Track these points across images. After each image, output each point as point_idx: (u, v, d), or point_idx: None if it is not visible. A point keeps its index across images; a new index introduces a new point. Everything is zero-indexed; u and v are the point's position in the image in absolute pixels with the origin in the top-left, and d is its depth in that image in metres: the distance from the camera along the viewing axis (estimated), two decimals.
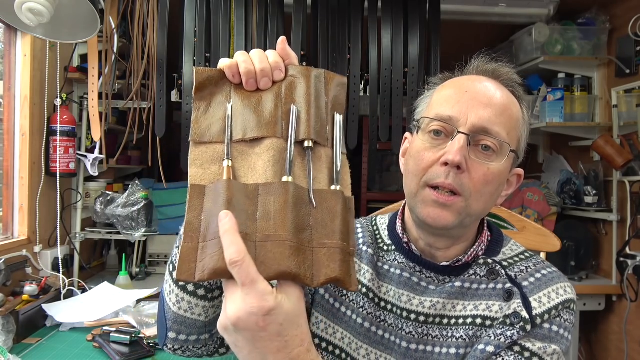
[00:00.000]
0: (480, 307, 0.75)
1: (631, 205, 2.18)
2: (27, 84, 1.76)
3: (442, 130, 0.73)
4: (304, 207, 0.57)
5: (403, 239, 0.81)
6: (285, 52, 0.64)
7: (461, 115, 0.72)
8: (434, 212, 0.71)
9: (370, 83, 1.95)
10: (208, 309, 0.68)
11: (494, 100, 0.73)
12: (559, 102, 2.32)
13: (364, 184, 2.86)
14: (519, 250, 0.83)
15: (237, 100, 0.61)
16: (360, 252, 0.84)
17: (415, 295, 0.78)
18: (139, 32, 1.93)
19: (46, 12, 1.41)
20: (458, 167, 0.69)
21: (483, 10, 2.25)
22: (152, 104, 1.94)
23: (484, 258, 0.78)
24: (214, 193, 0.55)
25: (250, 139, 0.60)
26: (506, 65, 0.79)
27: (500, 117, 0.72)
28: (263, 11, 1.93)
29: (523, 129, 0.77)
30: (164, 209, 2.30)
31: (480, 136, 0.71)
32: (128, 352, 1.33)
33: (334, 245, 0.55)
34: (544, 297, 0.74)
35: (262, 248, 0.53)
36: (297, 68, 0.64)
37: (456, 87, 0.76)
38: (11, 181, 1.77)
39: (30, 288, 1.56)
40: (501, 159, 0.72)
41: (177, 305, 0.67)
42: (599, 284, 2.30)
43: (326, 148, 0.62)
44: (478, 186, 0.71)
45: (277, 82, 0.62)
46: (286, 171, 0.58)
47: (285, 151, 0.59)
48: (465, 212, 0.71)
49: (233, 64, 0.61)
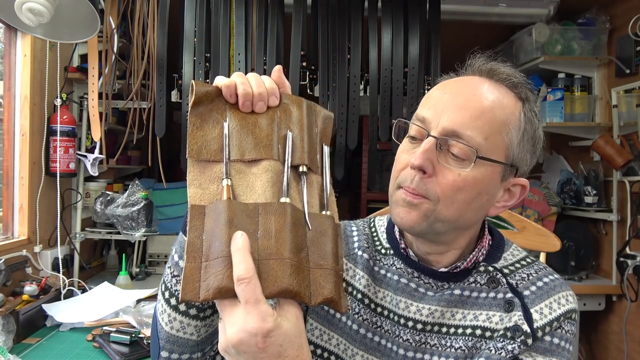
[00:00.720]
0: (480, 317, 0.73)
1: (631, 205, 2.18)
2: (27, 84, 1.76)
3: (418, 133, 0.72)
4: (301, 228, 0.58)
5: (400, 244, 0.80)
6: (281, 80, 0.66)
7: (434, 117, 0.70)
8: (402, 212, 0.70)
9: (370, 83, 1.95)
10: (200, 328, 0.67)
11: (472, 101, 0.69)
12: (559, 102, 2.32)
13: (364, 184, 2.86)
14: (520, 255, 0.81)
15: (233, 119, 0.63)
16: (355, 256, 0.82)
17: (413, 302, 0.76)
18: (139, 32, 1.93)
19: (46, 12, 1.41)
20: (424, 171, 0.67)
21: (483, 10, 2.25)
22: (152, 104, 1.94)
23: (485, 265, 0.76)
24: (215, 213, 0.56)
25: (249, 160, 0.61)
26: (507, 65, 0.74)
27: (477, 120, 0.68)
28: (263, 11, 1.93)
29: (515, 134, 0.70)
30: (164, 209, 2.30)
31: (451, 140, 0.68)
32: (128, 352, 1.33)
33: (328, 267, 0.57)
34: (545, 307, 0.73)
35: (264, 266, 0.54)
36: (290, 97, 0.67)
37: (441, 88, 0.74)
38: (11, 181, 1.77)
39: (30, 288, 1.56)
40: (476, 165, 0.67)
41: (170, 324, 0.67)
42: (599, 284, 2.30)
43: (317, 175, 0.65)
44: (447, 192, 0.68)
45: (271, 107, 0.65)
46: (284, 193, 0.60)
47: (282, 174, 0.61)
48: (433, 216, 0.69)
49: (231, 84, 0.62)
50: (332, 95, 1.93)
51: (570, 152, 2.59)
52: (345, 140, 1.94)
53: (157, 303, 0.70)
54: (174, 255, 0.66)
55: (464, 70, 0.77)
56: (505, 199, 0.75)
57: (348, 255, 0.82)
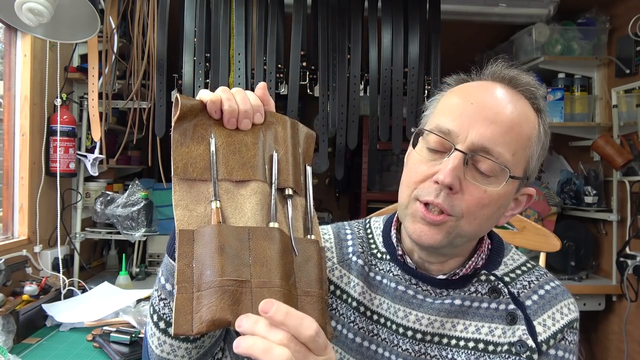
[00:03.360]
0: (482, 330, 0.72)
1: (631, 205, 2.18)
2: (27, 84, 1.76)
3: (440, 144, 0.68)
4: (289, 254, 0.58)
5: (397, 251, 0.77)
6: (266, 97, 0.64)
7: (461, 130, 0.66)
8: (420, 229, 0.67)
9: (370, 83, 1.95)
10: (191, 351, 0.66)
11: (501, 115, 0.65)
12: (559, 102, 2.32)
13: (364, 184, 2.86)
14: (521, 260, 0.80)
15: (218, 136, 0.61)
16: (349, 262, 0.79)
17: (412, 310, 0.74)
18: (139, 32, 1.93)
19: (46, 12, 1.41)
20: (450, 187, 0.65)
21: (483, 10, 2.25)
22: (152, 104, 1.94)
23: (486, 274, 0.75)
24: (204, 239, 0.54)
25: (237, 180, 0.60)
26: (528, 73, 0.71)
27: (506, 135, 0.65)
28: (263, 11, 1.93)
29: (536, 148, 0.69)
30: (164, 209, 2.30)
31: (479, 156, 0.65)
32: (128, 352, 1.33)
33: (315, 294, 0.57)
34: (548, 319, 0.72)
35: (258, 295, 0.52)
36: (274, 114, 0.65)
37: (463, 95, 0.69)
38: (11, 181, 1.77)
39: (30, 288, 1.56)
40: (501, 182, 0.66)
41: (160, 347, 0.65)
42: (599, 284, 2.30)
43: (301, 197, 0.65)
44: (472, 208, 0.66)
45: (256, 125, 0.63)
46: (272, 217, 0.59)
47: (270, 196, 0.60)
48: (455, 232, 0.67)
49: (217, 100, 0.60)
50: (332, 95, 1.93)
51: (570, 152, 2.59)
52: (345, 140, 1.94)
53: (146, 326, 0.69)
54: (161, 278, 0.64)
55: (481, 74, 0.73)
56: (512, 208, 0.74)
57: (342, 261, 0.79)
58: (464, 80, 0.74)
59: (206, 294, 0.51)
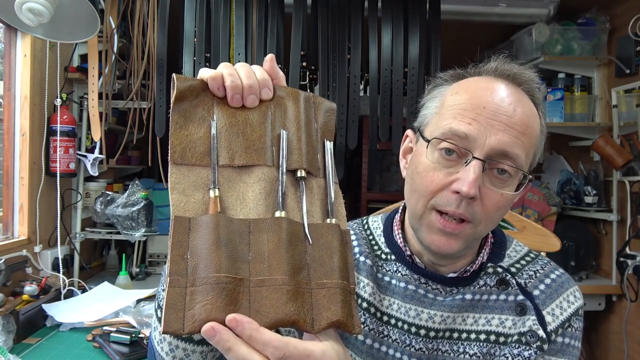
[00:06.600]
0: (493, 322, 0.72)
1: (631, 205, 2.18)
2: (27, 84, 1.76)
3: (456, 149, 0.65)
4: (299, 244, 0.52)
5: (405, 252, 0.76)
6: (274, 70, 0.58)
7: (479, 136, 0.64)
8: (439, 240, 0.67)
9: (370, 83, 1.95)
10: (207, 354, 0.60)
11: (514, 118, 0.65)
12: (559, 102, 2.32)
13: (364, 184, 2.86)
14: (524, 251, 0.80)
15: (221, 117, 0.55)
16: (357, 262, 0.77)
17: (424, 309, 0.73)
18: (139, 32, 1.93)
19: (46, 12, 1.41)
20: (472, 197, 0.64)
21: (483, 10, 2.25)
22: (152, 104, 1.94)
23: (492, 266, 0.74)
24: (201, 229, 0.50)
25: (239, 165, 0.54)
26: (528, 68, 0.71)
27: (521, 137, 0.65)
28: (263, 11, 1.93)
29: (540, 143, 0.70)
30: (164, 209, 2.30)
31: (497, 160, 0.65)
32: (128, 352, 1.33)
33: (333, 285, 0.51)
34: (556, 308, 0.73)
35: (256, 294, 0.48)
36: (285, 89, 0.59)
37: (472, 96, 0.67)
38: (11, 181, 1.77)
39: (30, 288, 1.56)
40: (515, 183, 0.67)
41: (171, 354, 0.59)
42: (599, 284, 2.30)
43: (318, 178, 0.58)
44: (490, 213, 0.66)
45: (264, 101, 0.57)
46: (278, 205, 0.53)
47: (277, 182, 0.54)
48: (472, 237, 0.68)
49: (217, 75, 0.55)
50: (332, 95, 1.93)
51: (570, 152, 2.59)
52: (345, 140, 1.94)
53: (152, 331, 0.63)
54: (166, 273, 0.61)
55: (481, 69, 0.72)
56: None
57: None
58: (461, 75, 0.73)
59: (201, 290, 0.46)
